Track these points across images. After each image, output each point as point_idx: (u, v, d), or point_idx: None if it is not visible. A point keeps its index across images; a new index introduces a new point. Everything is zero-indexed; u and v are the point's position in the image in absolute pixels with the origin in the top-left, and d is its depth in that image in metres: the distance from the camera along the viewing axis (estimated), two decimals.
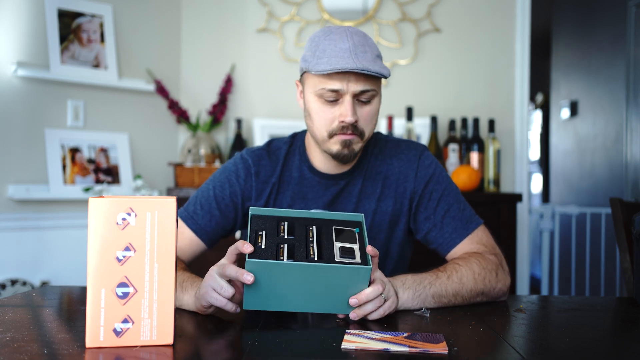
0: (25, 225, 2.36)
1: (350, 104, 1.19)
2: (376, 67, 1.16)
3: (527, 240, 2.87)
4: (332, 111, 1.21)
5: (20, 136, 2.35)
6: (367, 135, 1.24)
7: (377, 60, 1.19)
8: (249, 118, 2.81)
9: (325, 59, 1.17)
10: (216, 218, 1.31)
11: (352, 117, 1.19)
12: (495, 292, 1.21)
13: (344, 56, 1.16)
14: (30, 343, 0.86)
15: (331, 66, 1.15)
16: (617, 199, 1.52)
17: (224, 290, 0.99)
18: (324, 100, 1.20)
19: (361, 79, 1.18)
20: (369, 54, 1.18)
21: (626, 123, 3.42)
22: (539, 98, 6.35)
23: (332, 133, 1.22)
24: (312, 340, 0.93)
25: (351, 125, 1.20)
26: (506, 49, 2.84)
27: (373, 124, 1.25)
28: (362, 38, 1.20)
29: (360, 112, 1.21)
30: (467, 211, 1.31)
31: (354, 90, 1.18)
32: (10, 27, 2.33)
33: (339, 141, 1.22)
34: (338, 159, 1.25)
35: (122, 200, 0.85)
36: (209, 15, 2.82)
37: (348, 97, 1.18)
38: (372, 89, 1.20)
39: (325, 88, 1.19)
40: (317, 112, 1.22)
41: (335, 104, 1.20)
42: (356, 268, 0.98)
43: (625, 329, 1.06)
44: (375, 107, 1.24)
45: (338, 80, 1.17)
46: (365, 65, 1.15)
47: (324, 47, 1.19)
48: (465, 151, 2.63)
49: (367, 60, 1.16)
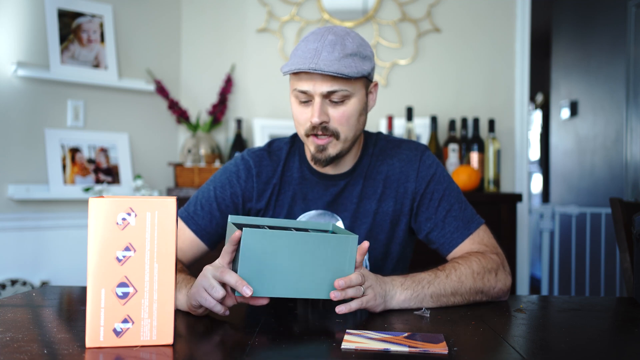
0: (25, 225, 2.36)
1: (318, 105, 1.18)
2: (335, 67, 1.14)
3: (527, 240, 2.87)
4: (306, 112, 1.21)
5: (20, 136, 2.35)
6: (344, 136, 1.22)
7: (345, 59, 1.16)
8: (249, 118, 2.81)
9: (293, 59, 1.18)
10: (216, 219, 1.31)
11: (317, 118, 1.18)
12: (495, 292, 1.21)
13: (306, 56, 1.15)
14: (30, 343, 0.86)
15: (289, 67, 1.16)
16: (617, 199, 1.52)
17: (215, 291, 0.98)
18: (299, 101, 1.21)
19: (328, 79, 1.16)
20: (337, 53, 1.15)
21: (626, 123, 3.42)
22: (539, 98, 6.35)
23: (307, 133, 1.23)
24: (312, 340, 0.93)
25: (320, 126, 1.19)
26: (506, 49, 2.84)
27: (351, 125, 1.22)
28: (338, 37, 1.17)
29: (333, 113, 1.20)
30: (469, 211, 1.31)
31: (320, 91, 1.17)
32: (10, 27, 2.33)
33: (314, 145, 1.23)
34: (314, 162, 1.25)
35: (122, 200, 0.85)
36: (209, 15, 2.82)
37: (317, 98, 1.18)
38: (340, 88, 1.17)
39: (297, 89, 1.19)
40: (294, 112, 1.24)
41: (309, 104, 1.21)
42: (344, 237, 1.01)
43: (625, 329, 1.06)
44: (351, 107, 1.20)
45: (305, 81, 1.17)
46: (320, 66, 1.13)
47: (298, 47, 1.20)
48: (465, 151, 2.63)
49: (329, 60, 1.14)
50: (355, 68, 1.17)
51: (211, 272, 0.99)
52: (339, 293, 1.01)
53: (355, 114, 1.22)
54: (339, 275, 1.01)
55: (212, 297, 0.99)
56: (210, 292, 0.99)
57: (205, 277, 1.00)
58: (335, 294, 1.01)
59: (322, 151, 1.23)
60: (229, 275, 0.96)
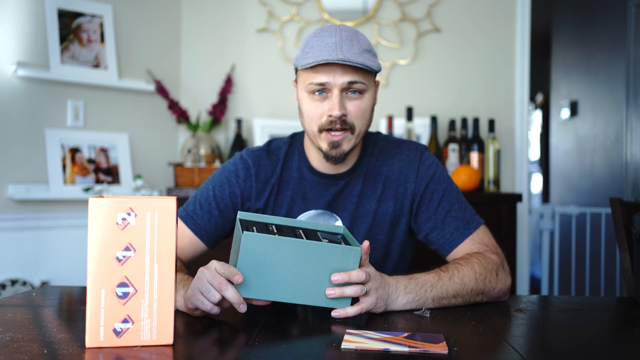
0: (25, 225, 2.36)
1: (338, 97, 1.19)
2: (361, 59, 1.16)
3: (527, 240, 2.87)
4: (322, 106, 1.21)
5: (20, 136, 2.35)
6: (358, 131, 1.23)
7: (364, 53, 1.19)
8: (249, 118, 2.81)
9: (311, 54, 1.18)
10: (215, 218, 1.31)
11: (339, 111, 1.18)
12: (496, 292, 1.21)
13: (328, 50, 1.17)
14: (30, 343, 0.86)
15: (314, 59, 1.16)
16: (617, 199, 1.52)
17: (211, 294, 0.97)
18: (313, 95, 1.21)
19: (348, 71, 1.18)
20: (356, 47, 1.18)
21: (626, 123, 3.42)
22: (539, 98, 6.35)
23: (321, 128, 1.22)
24: (312, 340, 0.93)
25: (339, 119, 1.20)
26: (506, 49, 2.84)
27: (365, 120, 1.24)
28: (351, 34, 1.20)
29: (350, 106, 1.21)
30: (468, 211, 1.31)
31: (341, 82, 1.18)
32: (10, 27, 2.33)
33: (328, 141, 1.22)
34: (327, 159, 1.25)
35: (122, 200, 0.85)
36: (209, 15, 2.82)
37: (336, 90, 1.19)
38: (359, 80, 1.19)
39: (313, 82, 1.19)
40: (307, 107, 1.23)
41: (324, 98, 1.21)
42: (347, 248, 1.00)
43: (625, 329, 1.06)
44: (366, 101, 1.22)
45: (324, 73, 1.18)
46: (348, 57, 1.15)
47: (312, 43, 1.20)
48: (465, 151, 2.63)
49: (352, 53, 1.17)
50: (374, 62, 1.20)
51: (207, 276, 0.99)
52: (335, 290, 1.00)
53: (369, 108, 1.24)
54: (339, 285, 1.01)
55: (208, 300, 0.99)
56: (206, 296, 0.98)
57: (201, 281, 0.99)
58: (330, 291, 1.00)
59: (336, 147, 1.23)
60: (223, 266, 0.97)
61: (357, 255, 1.01)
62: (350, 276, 1.00)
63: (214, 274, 0.98)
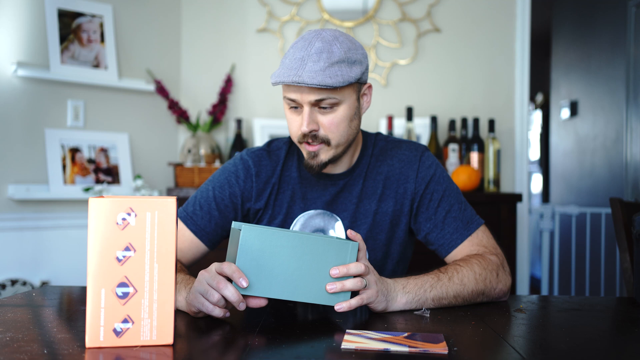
0: (25, 225, 2.36)
1: (307, 114, 1.18)
2: (320, 78, 1.12)
3: (527, 240, 2.87)
4: (297, 119, 1.21)
5: (20, 136, 2.35)
6: (336, 142, 1.22)
7: (331, 68, 1.14)
8: (249, 118, 2.81)
9: (279, 69, 1.17)
10: (215, 219, 1.31)
11: (306, 127, 1.18)
12: (496, 293, 1.21)
13: (292, 67, 1.15)
14: (30, 343, 0.86)
15: (274, 79, 1.16)
16: (617, 199, 1.52)
17: (210, 295, 0.98)
18: (290, 107, 1.22)
19: (314, 89, 1.15)
20: (323, 62, 1.14)
21: (626, 123, 3.42)
22: (539, 98, 6.35)
23: (299, 140, 1.23)
24: (312, 340, 0.93)
25: (310, 134, 1.19)
26: (506, 49, 2.84)
27: (341, 131, 1.21)
28: (325, 44, 1.15)
29: (323, 120, 1.19)
30: (468, 211, 1.31)
31: (307, 100, 1.17)
32: (10, 27, 2.33)
33: (306, 151, 1.23)
34: (307, 168, 1.25)
35: (122, 200, 0.85)
36: (209, 16, 2.82)
37: (305, 107, 1.18)
38: (327, 97, 1.16)
39: (287, 97, 1.20)
40: (287, 119, 1.24)
41: (299, 111, 1.21)
42: (345, 242, 1.02)
43: (625, 329, 1.06)
44: (340, 114, 1.19)
45: (292, 91, 1.17)
46: (304, 78, 1.12)
47: (287, 54, 1.19)
48: (465, 151, 2.63)
49: (313, 71, 1.13)
50: (342, 77, 1.14)
51: (206, 278, 1.00)
52: (335, 285, 1.01)
53: (345, 120, 1.21)
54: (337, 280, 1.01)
55: (208, 301, 0.99)
56: (207, 298, 0.99)
57: (200, 283, 1.00)
58: (330, 286, 1.01)
59: (314, 157, 1.23)
60: (226, 266, 0.97)
61: (354, 249, 1.02)
62: (348, 268, 1.01)
63: (213, 275, 0.99)
